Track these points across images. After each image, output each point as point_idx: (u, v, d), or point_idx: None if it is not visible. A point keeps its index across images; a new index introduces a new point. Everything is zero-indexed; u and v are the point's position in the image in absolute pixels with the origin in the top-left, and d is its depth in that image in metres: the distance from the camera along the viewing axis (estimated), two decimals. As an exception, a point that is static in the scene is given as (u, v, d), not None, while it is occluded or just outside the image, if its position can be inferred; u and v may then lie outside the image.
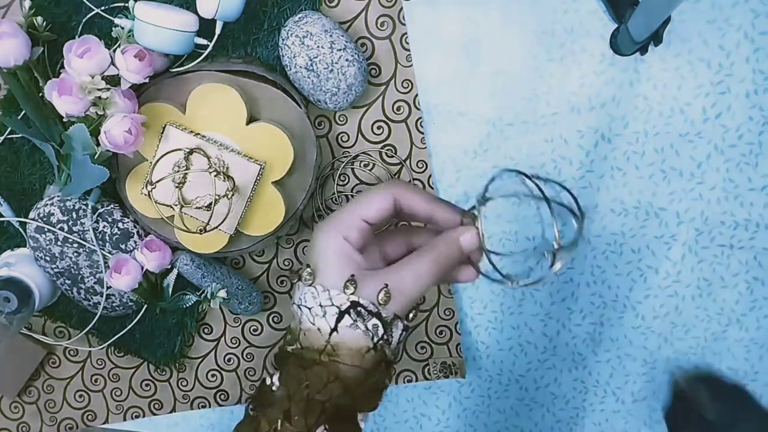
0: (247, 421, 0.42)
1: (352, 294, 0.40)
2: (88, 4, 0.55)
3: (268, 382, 0.41)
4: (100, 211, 0.57)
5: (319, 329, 0.40)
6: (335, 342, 0.40)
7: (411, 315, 0.42)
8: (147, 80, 0.52)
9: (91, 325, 0.61)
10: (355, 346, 0.40)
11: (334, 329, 0.40)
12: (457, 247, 0.42)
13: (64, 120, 0.51)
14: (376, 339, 0.40)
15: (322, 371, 0.40)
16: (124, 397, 0.68)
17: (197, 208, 0.56)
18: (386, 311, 0.40)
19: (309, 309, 0.40)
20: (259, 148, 0.55)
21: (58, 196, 0.57)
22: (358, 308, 0.40)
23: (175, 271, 0.59)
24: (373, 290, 0.40)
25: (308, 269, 0.41)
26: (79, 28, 0.56)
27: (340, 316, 0.40)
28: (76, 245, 0.58)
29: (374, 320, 0.40)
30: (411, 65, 0.58)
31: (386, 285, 0.40)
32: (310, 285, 0.40)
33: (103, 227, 0.58)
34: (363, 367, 0.40)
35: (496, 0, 0.57)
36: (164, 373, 0.67)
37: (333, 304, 0.40)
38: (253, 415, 0.41)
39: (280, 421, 0.39)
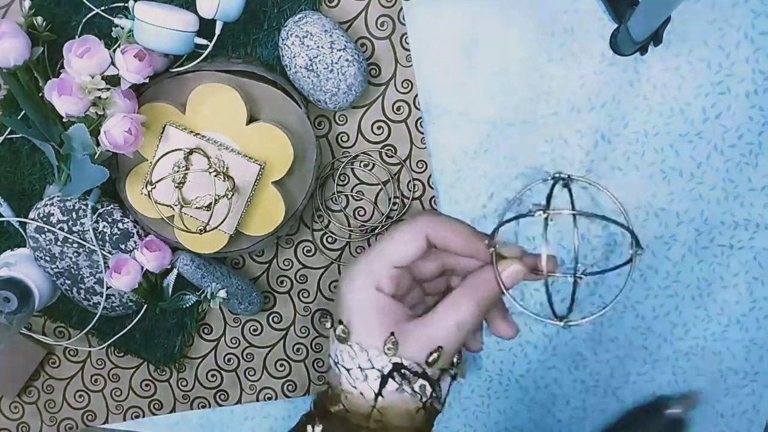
0: None
1: (393, 355, 0.36)
2: (88, 4, 0.55)
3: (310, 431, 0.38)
4: (100, 211, 0.57)
5: (362, 393, 0.37)
6: (382, 406, 0.37)
7: (455, 360, 0.39)
8: (147, 80, 0.51)
9: (91, 325, 0.61)
10: (404, 408, 0.37)
11: (379, 394, 0.36)
12: (495, 284, 0.39)
13: (64, 120, 0.51)
14: (425, 399, 0.37)
15: None
16: (123, 397, 0.68)
17: (197, 208, 0.56)
18: (432, 370, 0.37)
19: (348, 371, 0.37)
20: (258, 148, 0.55)
21: (57, 196, 0.57)
22: (402, 370, 0.36)
23: (175, 272, 0.59)
24: (416, 348, 0.36)
25: (342, 326, 0.37)
26: (79, 28, 0.56)
27: (384, 380, 0.36)
28: (76, 245, 0.58)
29: (421, 381, 0.37)
30: (411, 65, 0.58)
31: (440, 348, 0.37)
32: (345, 343, 0.37)
33: (103, 227, 0.58)
34: (414, 427, 0.37)
35: (496, 0, 0.57)
36: (164, 373, 0.67)
37: (374, 367, 0.36)
38: None
39: None
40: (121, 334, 0.62)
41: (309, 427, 0.39)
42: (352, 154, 0.61)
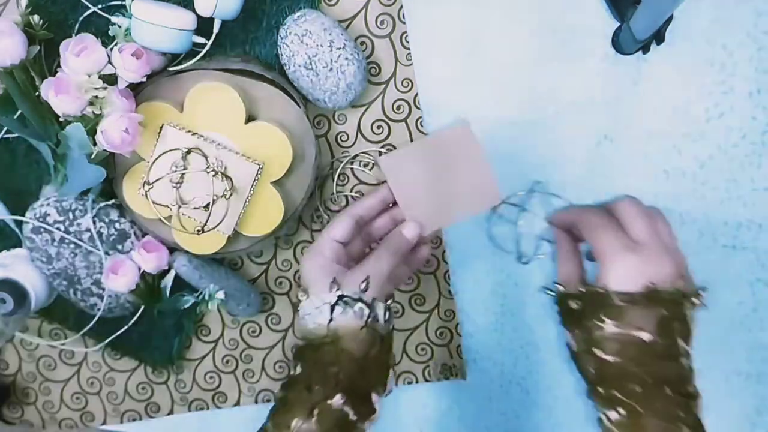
0: (279, 405, 0.50)
1: (337, 290, 0.50)
2: (85, 2, 0.55)
3: (291, 372, 0.50)
4: (97, 211, 0.57)
5: (319, 324, 0.50)
6: (333, 327, 0.49)
7: (389, 301, 0.53)
8: (144, 79, 0.51)
9: (89, 327, 0.61)
10: (351, 327, 0.49)
11: (330, 319, 0.49)
12: (403, 237, 0.55)
13: (61, 119, 0.51)
14: (364, 318, 0.50)
15: (330, 348, 0.49)
16: (120, 400, 0.67)
17: (195, 208, 0.55)
18: (366, 296, 0.50)
19: (309, 314, 0.50)
20: (257, 148, 0.54)
21: (54, 196, 0.57)
22: (345, 299, 0.50)
23: (172, 273, 0.59)
24: (353, 283, 0.50)
25: (301, 289, 0.52)
26: (76, 27, 0.56)
27: (332, 308, 0.49)
28: (72, 246, 0.57)
29: (359, 304, 0.50)
30: (411, 64, 0.58)
31: (367, 277, 0.51)
32: (306, 299, 0.51)
33: (100, 228, 0.57)
34: (362, 340, 0.49)
35: (497, -2, 0.56)
36: (161, 375, 0.66)
37: (325, 302, 0.50)
38: (281, 396, 0.50)
39: (305, 392, 0.48)
40: (117, 334, 0.62)
41: (291, 369, 0.50)
42: (352, 154, 0.60)
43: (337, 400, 0.48)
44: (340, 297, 0.50)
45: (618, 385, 0.46)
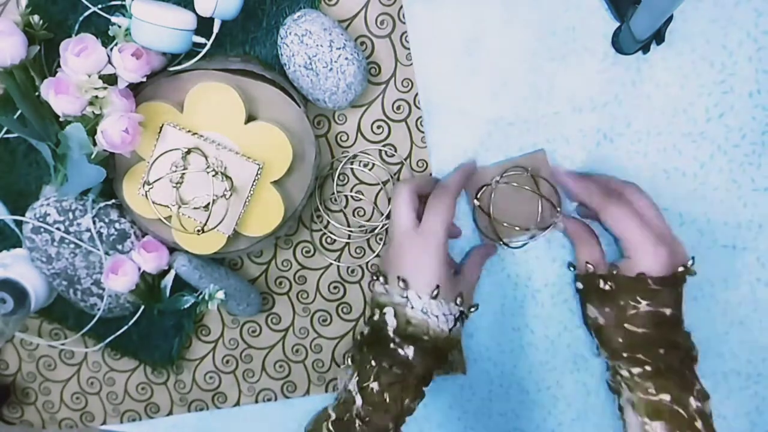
0: (393, 380, 0.54)
1: (461, 306, 0.56)
2: (85, 2, 0.55)
3: (402, 353, 0.55)
4: (97, 211, 0.57)
5: (442, 330, 0.56)
6: (452, 335, 0.57)
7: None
8: (144, 79, 0.51)
9: (89, 327, 0.61)
10: (459, 333, 0.58)
11: (452, 329, 0.56)
12: (486, 255, 0.62)
13: (61, 119, 0.51)
14: (463, 327, 0.59)
15: (447, 350, 0.57)
16: (120, 400, 0.67)
17: (195, 208, 0.55)
18: (471, 310, 0.59)
19: (436, 317, 0.55)
20: (257, 148, 0.54)
21: (54, 196, 0.57)
22: (463, 315, 0.57)
23: (172, 272, 0.59)
24: (469, 299, 0.59)
25: (437, 289, 0.54)
26: (76, 27, 0.56)
27: (455, 322, 0.56)
28: (72, 246, 0.57)
29: (466, 320, 0.58)
30: (411, 64, 0.58)
31: (476, 306, 0.59)
32: (435, 299, 0.55)
33: (100, 228, 0.57)
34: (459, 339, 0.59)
35: (497, -2, 0.56)
36: (161, 375, 0.66)
37: (451, 314, 0.56)
38: (398, 372, 0.54)
39: (421, 379, 0.55)
40: (117, 335, 0.62)
41: (400, 350, 0.55)
42: (352, 154, 0.60)
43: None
44: (461, 313, 0.57)
45: (643, 349, 0.54)
